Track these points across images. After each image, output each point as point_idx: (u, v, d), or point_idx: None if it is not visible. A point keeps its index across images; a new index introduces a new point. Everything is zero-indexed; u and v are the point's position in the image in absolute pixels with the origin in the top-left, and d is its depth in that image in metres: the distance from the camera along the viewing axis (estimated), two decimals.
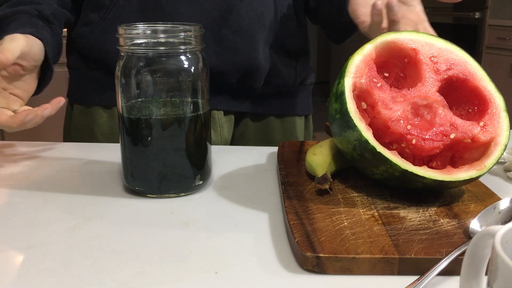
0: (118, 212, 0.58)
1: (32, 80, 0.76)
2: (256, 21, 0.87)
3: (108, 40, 0.86)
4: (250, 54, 0.87)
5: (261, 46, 0.88)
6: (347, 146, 0.58)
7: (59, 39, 0.82)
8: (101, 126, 0.91)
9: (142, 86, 0.59)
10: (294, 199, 0.57)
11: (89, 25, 0.87)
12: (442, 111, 0.58)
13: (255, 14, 0.87)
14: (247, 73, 0.89)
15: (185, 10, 0.84)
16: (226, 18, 0.85)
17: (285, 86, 0.95)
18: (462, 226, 0.52)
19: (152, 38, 0.59)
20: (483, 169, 0.56)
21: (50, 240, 0.51)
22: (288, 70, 0.94)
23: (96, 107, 0.91)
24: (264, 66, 0.89)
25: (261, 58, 0.88)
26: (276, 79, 0.93)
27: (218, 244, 0.51)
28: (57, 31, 0.81)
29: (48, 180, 0.68)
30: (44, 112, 0.69)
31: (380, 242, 0.48)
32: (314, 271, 0.46)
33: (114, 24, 0.85)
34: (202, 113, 0.62)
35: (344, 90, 0.58)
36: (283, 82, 0.95)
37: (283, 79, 0.94)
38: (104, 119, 0.90)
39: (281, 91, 0.95)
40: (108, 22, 0.86)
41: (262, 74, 0.90)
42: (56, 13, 0.81)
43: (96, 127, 0.91)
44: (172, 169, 0.61)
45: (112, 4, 0.85)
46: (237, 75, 0.89)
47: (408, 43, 0.61)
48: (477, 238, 0.34)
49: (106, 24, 0.86)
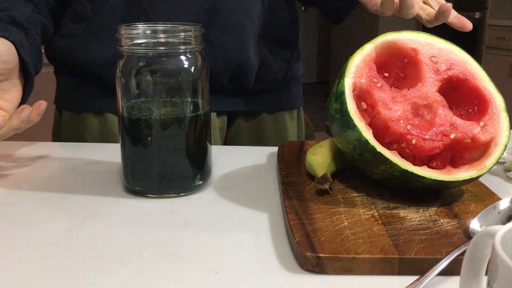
0: (118, 212, 0.58)
1: (14, 89, 0.70)
2: (244, 17, 0.86)
3: (93, 52, 0.84)
4: (240, 51, 0.86)
5: (250, 42, 0.87)
6: (347, 146, 0.58)
7: (37, 45, 0.76)
8: (92, 132, 0.89)
9: (142, 86, 0.59)
10: (294, 199, 0.57)
11: (71, 37, 0.84)
12: (442, 111, 0.58)
13: (241, 10, 0.86)
14: (238, 71, 0.88)
15: (170, 14, 0.82)
16: (213, 17, 0.84)
17: (276, 81, 0.95)
18: (462, 226, 0.52)
19: (152, 38, 0.59)
20: (483, 169, 0.56)
21: (50, 240, 0.51)
22: (280, 63, 0.94)
23: (86, 113, 0.89)
24: (254, 62, 0.89)
25: (251, 54, 0.88)
26: (268, 74, 0.93)
27: (218, 244, 0.51)
28: (33, 37, 0.75)
29: (48, 180, 0.68)
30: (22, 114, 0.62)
31: (380, 242, 0.48)
32: (314, 271, 0.46)
33: (97, 35, 0.83)
34: (202, 113, 0.62)
35: (344, 90, 0.58)
36: (275, 77, 0.94)
37: (275, 73, 0.94)
38: (95, 125, 0.89)
39: (273, 86, 0.95)
40: (92, 34, 0.83)
41: (253, 71, 0.89)
42: (30, 19, 0.76)
43: (87, 133, 0.89)
44: (172, 169, 0.61)
45: (95, 16, 0.83)
46: (228, 74, 0.88)
47: (408, 43, 0.61)
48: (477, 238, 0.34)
49: (90, 35, 0.84)
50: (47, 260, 0.48)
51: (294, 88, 1.00)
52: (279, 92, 0.97)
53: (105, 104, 0.88)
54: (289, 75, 0.96)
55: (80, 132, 0.90)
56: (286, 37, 0.93)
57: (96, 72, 0.85)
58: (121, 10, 0.83)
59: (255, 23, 0.88)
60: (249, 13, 0.86)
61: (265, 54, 0.91)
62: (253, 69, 0.89)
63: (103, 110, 0.88)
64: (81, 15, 0.83)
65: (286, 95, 0.98)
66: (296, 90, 1.01)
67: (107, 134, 0.89)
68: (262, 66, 0.91)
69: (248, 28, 0.87)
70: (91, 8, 0.83)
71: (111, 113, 0.89)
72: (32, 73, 0.73)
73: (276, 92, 0.96)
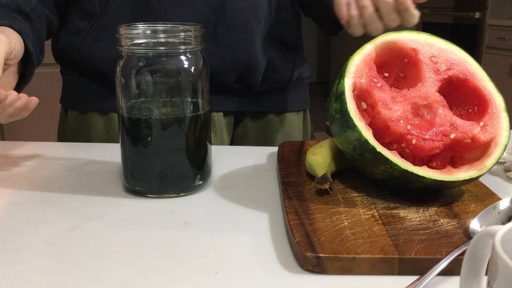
0: (118, 212, 0.58)
1: (11, 76, 0.70)
2: (251, 16, 0.86)
3: (100, 49, 0.84)
4: (247, 50, 0.87)
5: (257, 41, 0.88)
6: (347, 146, 0.58)
7: (40, 37, 0.77)
8: (97, 132, 0.89)
9: (142, 86, 0.59)
10: (294, 199, 0.57)
11: (79, 34, 0.85)
12: (442, 111, 0.58)
13: (249, 9, 0.86)
14: (245, 70, 0.88)
15: (178, 12, 0.82)
16: (220, 16, 0.84)
17: (282, 81, 0.95)
18: (462, 226, 0.52)
19: (152, 38, 0.59)
20: (483, 169, 0.56)
21: (50, 240, 0.51)
22: (286, 64, 0.94)
23: (92, 113, 0.89)
24: (261, 62, 0.89)
25: (258, 54, 0.88)
26: (274, 74, 0.93)
27: (218, 244, 0.51)
28: (37, 28, 0.77)
29: (48, 180, 0.68)
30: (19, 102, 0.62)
31: (380, 242, 0.48)
32: (314, 271, 0.46)
33: (105, 32, 0.83)
34: (202, 113, 0.62)
35: (344, 90, 0.58)
36: (281, 77, 0.94)
37: (281, 74, 0.94)
38: (101, 125, 0.89)
39: (279, 87, 0.95)
40: (99, 31, 0.84)
41: (260, 70, 0.89)
42: (36, 10, 0.78)
43: (92, 133, 0.89)
44: (172, 169, 0.61)
45: (103, 13, 0.83)
46: (235, 74, 0.88)
47: (408, 43, 0.61)
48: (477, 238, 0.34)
49: (97, 33, 0.84)
50: (47, 260, 0.48)
51: (300, 90, 1.00)
52: (285, 93, 0.97)
53: (110, 104, 0.88)
54: (295, 76, 0.97)
55: (85, 132, 0.90)
56: (291, 38, 0.93)
57: (102, 70, 0.85)
58: (129, 7, 0.83)
59: (262, 23, 0.88)
60: (256, 13, 0.87)
61: (271, 55, 0.91)
62: (260, 69, 0.89)
63: (109, 110, 0.88)
64: (89, 12, 0.84)
65: (293, 96, 0.98)
66: (302, 92, 1.01)
67: (113, 134, 0.89)
68: (269, 67, 0.91)
69: (255, 28, 0.87)
70: (100, 5, 0.83)
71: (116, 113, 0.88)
72: (35, 62, 0.74)
73: (283, 93, 0.97)
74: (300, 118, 1.02)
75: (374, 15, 0.73)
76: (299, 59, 0.96)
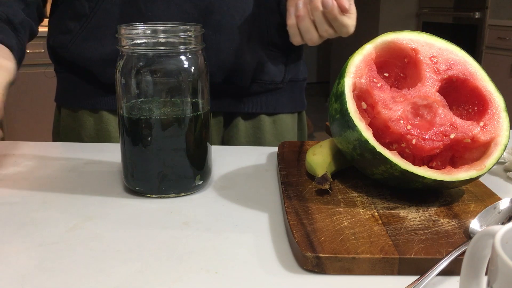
0: (118, 212, 0.58)
1: None
2: (238, 18, 0.86)
3: (90, 49, 0.85)
4: (235, 52, 0.87)
5: (245, 43, 0.87)
6: (347, 146, 0.58)
7: (23, 49, 0.79)
8: (88, 130, 0.91)
9: (142, 86, 0.59)
10: (294, 199, 0.57)
11: (69, 34, 0.86)
12: (442, 111, 0.58)
13: (236, 11, 0.86)
14: (233, 71, 0.88)
15: (164, 13, 0.83)
16: (207, 18, 0.84)
17: (273, 83, 0.94)
18: (462, 226, 0.52)
19: (152, 38, 0.59)
20: (483, 169, 0.56)
21: (50, 240, 0.51)
22: (277, 66, 0.93)
23: (82, 111, 0.91)
24: (249, 64, 0.88)
25: (246, 56, 0.88)
26: (264, 76, 0.92)
27: (218, 244, 0.51)
28: (22, 41, 0.78)
29: (48, 180, 0.68)
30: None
31: (380, 242, 0.48)
32: (314, 271, 0.46)
33: (94, 32, 0.85)
34: (202, 113, 0.62)
35: (344, 90, 0.58)
36: (272, 79, 0.94)
37: (272, 75, 0.93)
38: (91, 123, 0.90)
39: (270, 88, 0.94)
40: (89, 31, 0.85)
41: (248, 72, 0.89)
42: (24, 23, 0.79)
43: (83, 131, 0.91)
44: (172, 169, 0.61)
45: (92, 13, 0.85)
46: (222, 75, 0.88)
47: (408, 43, 0.61)
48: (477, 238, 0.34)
49: (87, 33, 0.85)
50: (47, 260, 0.48)
51: (294, 91, 0.99)
52: (278, 94, 0.96)
53: (100, 102, 0.89)
54: (288, 78, 0.96)
55: (77, 131, 0.91)
56: (280, 40, 0.92)
57: (92, 69, 0.86)
58: (117, 8, 0.84)
59: (250, 24, 0.88)
60: (244, 15, 0.87)
61: (260, 56, 0.90)
62: (249, 71, 0.89)
63: (98, 108, 0.90)
64: (79, 12, 0.85)
65: (286, 97, 0.98)
66: (297, 94, 1.00)
67: (102, 132, 0.90)
68: (258, 68, 0.91)
69: (243, 30, 0.87)
70: (89, 6, 0.85)
71: (106, 111, 0.90)
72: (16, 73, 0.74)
73: (275, 95, 0.96)
74: (294, 120, 1.01)
75: (309, 25, 0.75)
76: (292, 60, 0.96)
